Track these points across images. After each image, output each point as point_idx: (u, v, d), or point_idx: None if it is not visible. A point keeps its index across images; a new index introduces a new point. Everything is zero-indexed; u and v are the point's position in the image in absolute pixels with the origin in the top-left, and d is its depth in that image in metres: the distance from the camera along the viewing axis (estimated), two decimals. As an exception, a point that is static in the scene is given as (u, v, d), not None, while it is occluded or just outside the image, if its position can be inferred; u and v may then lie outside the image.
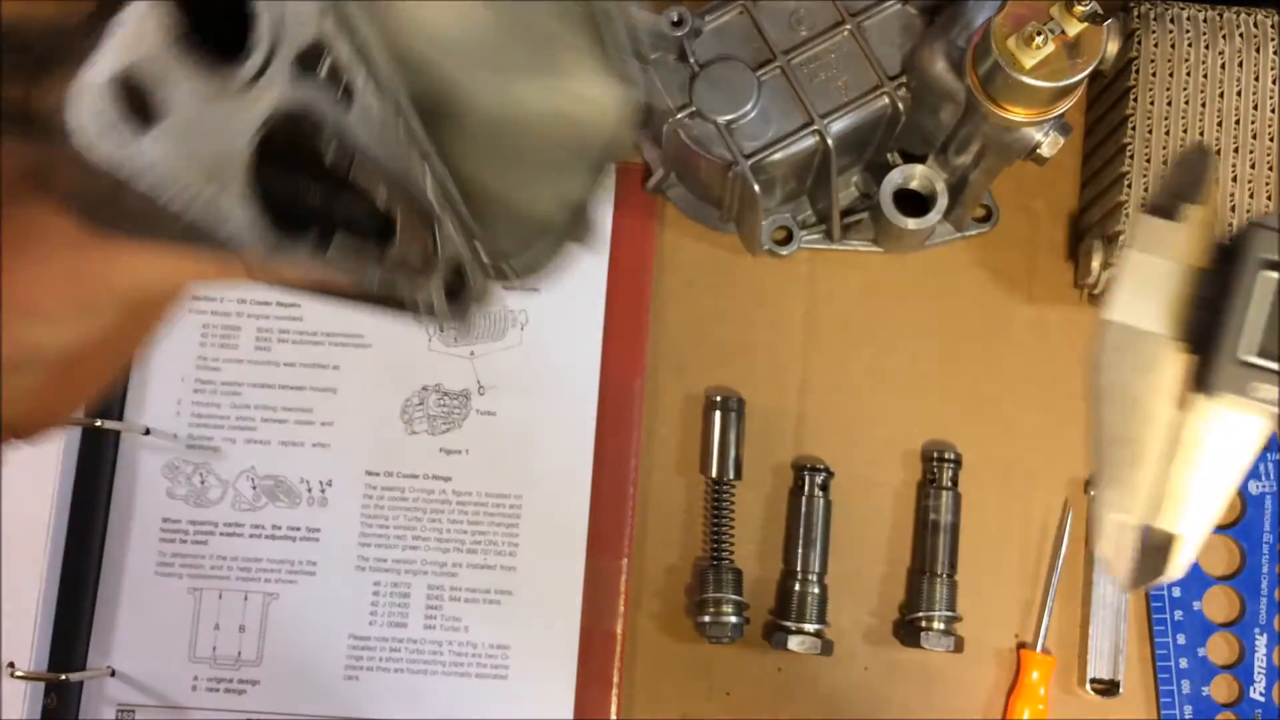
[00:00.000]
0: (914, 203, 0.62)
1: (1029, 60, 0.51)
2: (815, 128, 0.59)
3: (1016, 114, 0.54)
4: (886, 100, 0.59)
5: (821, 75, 0.59)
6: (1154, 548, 0.34)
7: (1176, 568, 0.34)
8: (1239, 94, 0.61)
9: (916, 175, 0.62)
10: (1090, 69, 0.51)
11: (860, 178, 0.66)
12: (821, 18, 0.60)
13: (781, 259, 0.66)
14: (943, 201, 0.62)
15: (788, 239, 0.66)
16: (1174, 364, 0.34)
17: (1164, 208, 0.35)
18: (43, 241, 0.27)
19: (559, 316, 0.65)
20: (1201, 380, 0.34)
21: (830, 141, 0.59)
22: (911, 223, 0.62)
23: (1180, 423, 0.34)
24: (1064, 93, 0.53)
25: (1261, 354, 0.33)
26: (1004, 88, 0.53)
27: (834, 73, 0.59)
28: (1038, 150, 0.56)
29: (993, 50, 0.51)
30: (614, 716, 0.62)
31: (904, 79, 0.59)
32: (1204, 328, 0.34)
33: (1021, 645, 0.64)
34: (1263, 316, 0.33)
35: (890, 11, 0.59)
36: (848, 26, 0.59)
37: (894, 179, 0.62)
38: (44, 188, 0.27)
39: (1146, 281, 0.34)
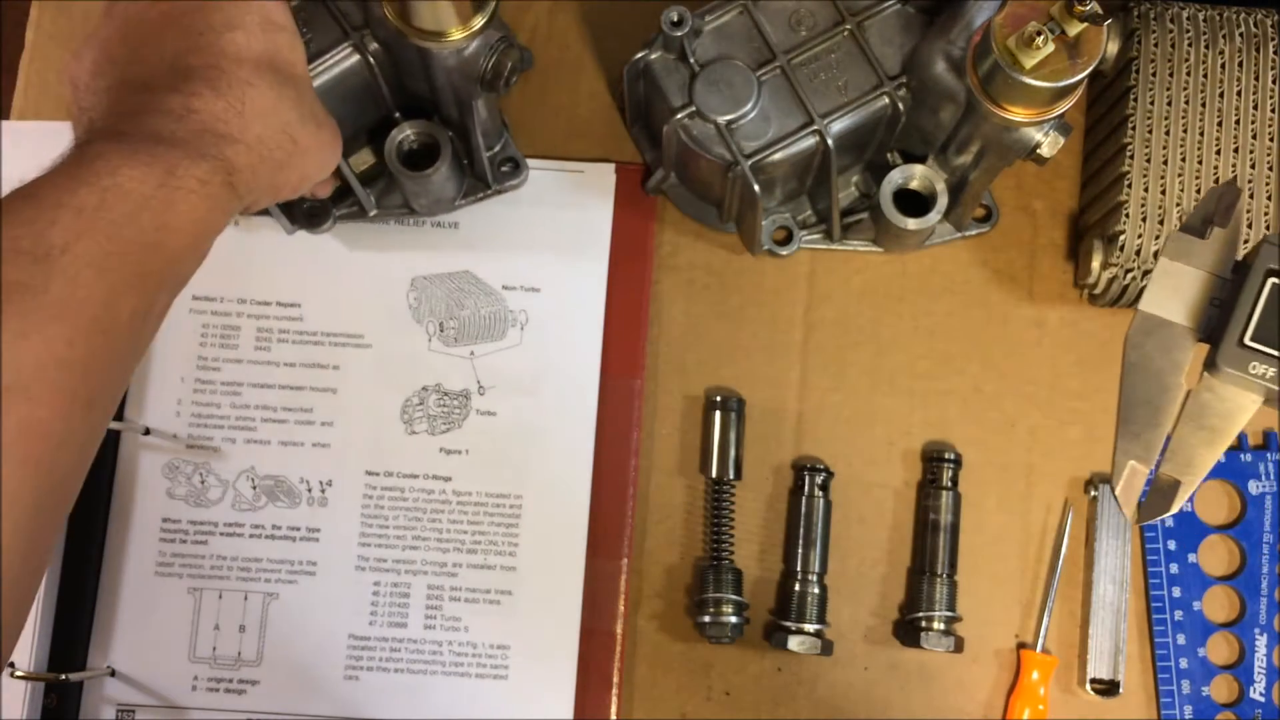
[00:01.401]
0: (914, 203, 0.62)
1: (1029, 60, 0.51)
2: (815, 128, 0.59)
3: (1016, 114, 0.54)
4: (886, 100, 0.59)
5: (821, 75, 0.59)
6: (1160, 490, 0.42)
7: (1177, 506, 0.42)
8: (1239, 94, 0.61)
9: (916, 175, 0.62)
10: (1090, 69, 0.51)
11: (860, 178, 0.66)
12: (821, 18, 0.60)
13: (781, 259, 0.66)
14: (943, 201, 0.62)
15: (788, 239, 0.66)
16: (1190, 349, 0.43)
17: (1194, 227, 0.43)
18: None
19: (559, 316, 0.65)
20: (1211, 361, 0.42)
21: (830, 141, 0.59)
22: (911, 223, 0.62)
23: (1191, 394, 0.42)
24: (1064, 93, 0.53)
25: (1261, 340, 0.41)
26: (1004, 88, 0.53)
27: (834, 73, 0.59)
28: (1038, 150, 0.56)
29: (993, 50, 0.51)
30: (614, 716, 0.62)
31: (904, 79, 0.59)
32: (1217, 323, 0.42)
33: (1021, 645, 0.64)
34: (1264, 312, 0.41)
35: (890, 11, 0.59)
36: (848, 26, 0.59)
37: (894, 179, 0.62)
38: None
39: (1174, 284, 0.43)
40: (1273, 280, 0.41)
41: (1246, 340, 0.41)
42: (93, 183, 0.41)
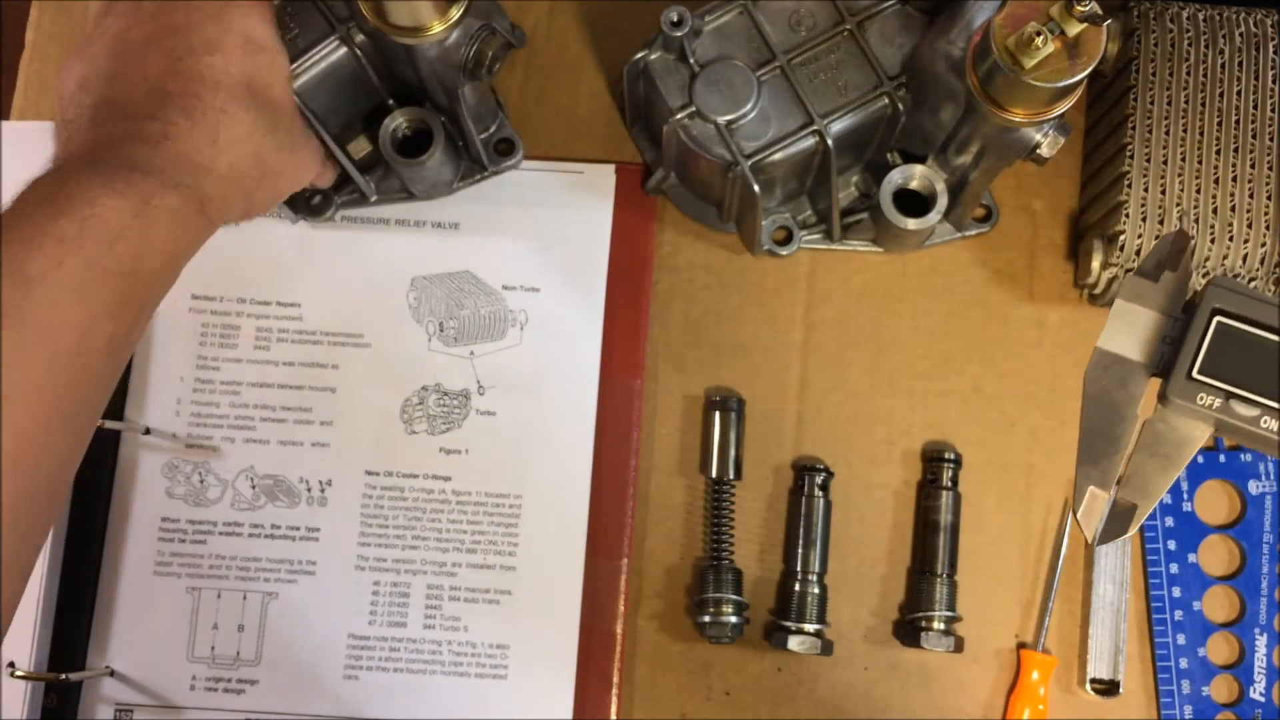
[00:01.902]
0: (914, 203, 0.62)
1: (1029, 61, 0.51)
2: (815, 128, 0.59)
3: (1016, 114, 0.54)
4: (886, 100, 0.59)
5: (821, 75, 0.59)
6: (1118, 513, 0.45)
7: (1134, 528, 0.45)
8: (1239, 94, 0.61)
9: (916, 175, 0.62)
10: (1090, 69, 0.51)
11: (860, 178, 0.66)
12: (821, 18, 0.60)
13: (781, 259, 0.66)
14: (943, 201, 0.62)
15: (788, 239, 0.66)
16: (1144, 383, 0.46)
17: (1148, 271, 0.46)
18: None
19: (559, 316, 0.65)
20: (1163, 394, 0.45)
21: (830, 141, 0.59)
22: (911, 223, 0.62)
23: (1145, 424, 0.45)
24: (1064, 93, 0.53)
25: (1208, 374, 0.44)
26: (1004, 88, 0.53)
27: (834, 73, 0.59)
28: (1038, 150, 0.56)
29: (993, 51, 0.51)
30: (614, 716, 0.62)
31: (904, 79, 0.59)
32: (1168, 359, 0.45)
33: (1021, 645, 0.64)
34: (1210, 348, 0.44)
35: (890, 11, 0.59)
36: (848, 26, 0.59)
37: (894, 179, 0.62)
38: None
39: (1129, 323, 0.46)
40: (1218, 319, 0.44)
41: (1195, 374, 0.44)
42: (72, 213, 0.42)
